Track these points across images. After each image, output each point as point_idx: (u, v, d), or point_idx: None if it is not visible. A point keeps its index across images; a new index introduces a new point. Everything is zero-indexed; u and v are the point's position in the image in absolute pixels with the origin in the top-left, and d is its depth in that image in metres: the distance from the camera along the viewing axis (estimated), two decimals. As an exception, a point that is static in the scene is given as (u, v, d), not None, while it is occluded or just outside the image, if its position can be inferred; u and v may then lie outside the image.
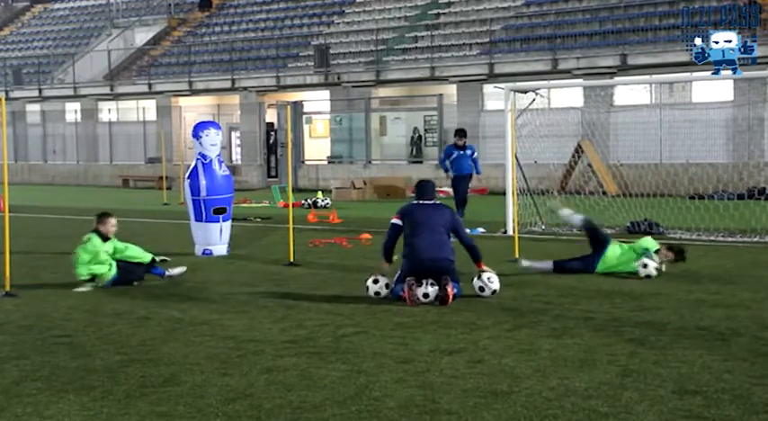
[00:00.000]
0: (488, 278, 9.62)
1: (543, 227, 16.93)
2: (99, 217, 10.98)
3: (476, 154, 18.59)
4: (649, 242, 11.31)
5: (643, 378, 6.18)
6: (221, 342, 7.48)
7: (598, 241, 11.42)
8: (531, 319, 8.31)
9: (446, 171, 18.59)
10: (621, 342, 7.29)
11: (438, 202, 9.94)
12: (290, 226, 13.02)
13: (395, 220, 9.79)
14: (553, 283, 10.51)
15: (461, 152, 18.29)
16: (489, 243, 14.96)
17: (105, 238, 10.83)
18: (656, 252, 11.13)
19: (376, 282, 9.57)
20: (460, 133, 18.64)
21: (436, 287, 9.20)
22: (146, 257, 11.01)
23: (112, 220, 10.94)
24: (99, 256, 10.63)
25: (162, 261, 11.78)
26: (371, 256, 12.14)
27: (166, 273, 11.16)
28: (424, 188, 10.04)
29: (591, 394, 5.81)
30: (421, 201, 9.87)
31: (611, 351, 6.98)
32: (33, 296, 9.96)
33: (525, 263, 11.46)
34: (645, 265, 10.82)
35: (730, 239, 14.90)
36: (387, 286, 9.53)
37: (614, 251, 11.24)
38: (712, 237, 15.10)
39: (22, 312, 8.98)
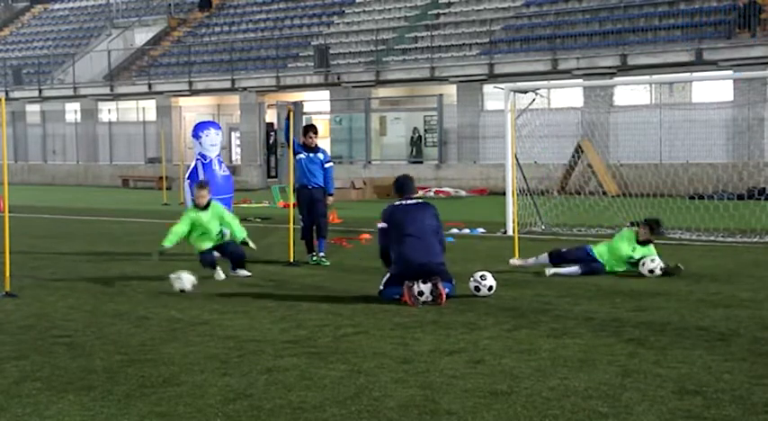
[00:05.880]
0: (480, 276, 9.60)
1: (543, 227, 16.92)
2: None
3: (329, 163, 13.21)
4: (628, 237, 11.29)
5: (643, 378, 6.17)
6: (221, 342, 7.47)
7: (577, 259, 11.28)
8: (530, 319, 8.30)
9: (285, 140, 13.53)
10: (621, 342, 7.28)
11: (421, 201, 9.77)
12: (290, 226, 13.01)
13: (381, 225, 9.62)
14: (553, 283, 10.51)
15: (310, 155, 13.04)
16: (489, 243, 14.98)
17: (202, 208, 11.42)
18: (639, 241, 11.17)
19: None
20: (311, 129, 13.23)
21: (429, 284, 9.12)
22: (240, 235, 11.63)
23: (202, 192, 11.51)
24: (200, 226, 11.35)
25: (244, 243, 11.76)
26: (371, 256, 12.13)
27: (237, 271, 11.51)
28: (404, 185, 9.83)
29: (591, 394, 5.81)
30: (403, 203, 9.66)
31: (611, 351, 6.97)
32: (33, 296, 9.95)
33: (549, 271, 11.30)
34: (651, 271, 10.88)
35: (730, 239, 14.89)
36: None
37: (600, 252, 11.26)
38: (712, 237, 15.10)
39: (22, 312, 8.98)
